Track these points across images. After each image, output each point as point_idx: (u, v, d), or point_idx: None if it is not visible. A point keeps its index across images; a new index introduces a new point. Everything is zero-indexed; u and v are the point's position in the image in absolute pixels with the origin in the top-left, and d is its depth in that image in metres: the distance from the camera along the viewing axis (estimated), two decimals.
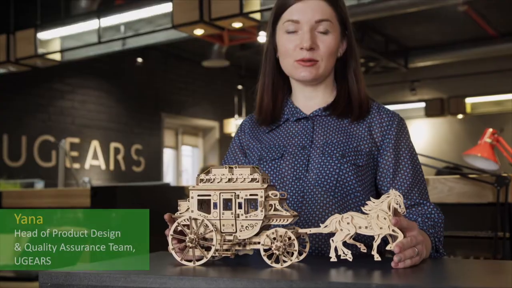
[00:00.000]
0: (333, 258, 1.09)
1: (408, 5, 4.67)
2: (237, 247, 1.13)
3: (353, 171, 1.35)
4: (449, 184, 2.41)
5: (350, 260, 1.08)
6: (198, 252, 1.12)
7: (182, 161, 8.46)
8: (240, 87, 8.33)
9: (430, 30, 7.06)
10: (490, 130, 2.81)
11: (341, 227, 1.08)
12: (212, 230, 1.10)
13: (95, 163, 7.06)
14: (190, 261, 1.12)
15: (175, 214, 1.15)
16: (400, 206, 1.07)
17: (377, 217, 1.07)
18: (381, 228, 1.07)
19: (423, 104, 7.75)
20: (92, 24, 4.18)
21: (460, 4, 5.92)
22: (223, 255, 1.13)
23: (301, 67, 1.38)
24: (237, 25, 3.49)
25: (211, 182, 1.12)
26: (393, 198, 1.07)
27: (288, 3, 1.39)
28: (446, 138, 7.96)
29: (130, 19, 4.02)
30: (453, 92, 7.75)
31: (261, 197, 1.09)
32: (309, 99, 1.46)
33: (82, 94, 6.94)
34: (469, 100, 7.34)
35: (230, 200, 1.11)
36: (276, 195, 1.10)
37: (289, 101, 1.49)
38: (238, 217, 1.10)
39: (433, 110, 7.71)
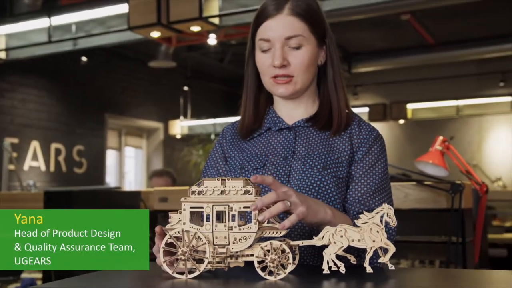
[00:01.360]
0: (326, 271, 1.10)
1: (354, 12, 4.79)
2: (229, 260, 1.12)
3: (334, 183, 1.36)
4: (405, 190, 2.49)
5: (343, 272, 1.09)
6: (190, 265, 1.11)
7: (125, 163, 8.31)
8: (186, 88, 8.28)
9: (374, 37, 7.25)
10: (441, 138, 2.92)
11: (334, 240, 1.09)
12: (205, 243, 1.10)
13: (34, 164, 6.83)
14: (182, 273, 1.11)
15: (166, 226, 1.14)
16: (392, 220, 1.09)
17: (370, 230, 1.09)
18: (373, 241, 1.08)
19: (366, 109, 7.95)
20: (41, 23, 4.05)
21: (403, 13, 6.13)
22: (216, 268, 1.12)
23: (278, 85, 1.39)
24: (195, 28, 3.48)
25: (203, 194, 1.11)
26: (386, 211, 1.10)
27: (260, 21, 1.39)
28: (388, 142, 8.15)
29: (81, 18, 3.93)
30: (394, 98, 8.00)
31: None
32: (292, 109, 1.47)
33: (22, 93, 6.71)
34: (410, 106, 7.59)
35: (223, 212, 1.10)
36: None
37: (271, 109, 1.49)
38: (231, 229, 1.10)
39: (376, 114, 7.92)
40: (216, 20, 3.34)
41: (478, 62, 7.98)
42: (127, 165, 8.38)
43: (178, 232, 1.11)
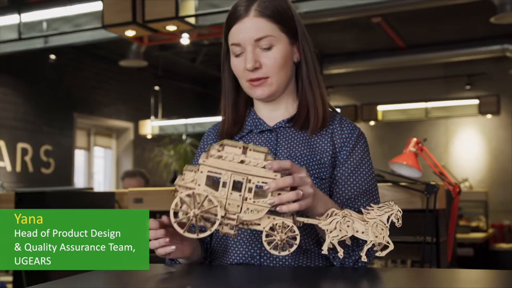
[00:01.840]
0: (325, 251, 1.16)
1: (327, 14, 4.83)
2: (240, 226, 1.13)
3: (317, 185, 1.34)
4: (381, 191, 2.48)
5: (341, 257, 1.16)
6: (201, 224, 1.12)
7: (94, 163, 8.20)
8: (157, 88, 8.21)
9: (345, 39, 7.32)
10: (414, 139, 2.96)
11: (340, 228, 1.14)
12: (217, 205, 1.10)
13: (0, 164, 6.69)
14: (193, 233, 1.13)
15: (178, 181, 1.14)
16: (398, 221, 1.14)
17: (376, 226, 1.14)
18: (376, 236, 1.14)
19: (338, 110, 7.99)
20: (11, 19, 3.96)
21: (374, 16, 6.21)
22: (224, 232, 1.13)
23: (254, 87, 1.38)
24: (171, 28, 3.45)
25: (222, 159, 1.11)
26: (395, 213, 1.14)
27: (229, 25, 1.38)
28: None
29: (53, 16, 3.86)
30: (365, 99, 8.09)
31: None
32: (272, 110, 1.46)
33: None
34: (380, 108, 7.69)
35: (240, 182, 1.11)
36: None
37: (252, 111, 1.48)
38: (246, 200, 1.12)
39: (347, 116, 7.92)
40: (192, 20, 3.32)
41: (446, 65, 8.14)
42: (96, 166, 8.27)
43: (190, 194, 1.11)
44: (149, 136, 8.34)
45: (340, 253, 1.15)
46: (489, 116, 7.80)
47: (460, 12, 6.17)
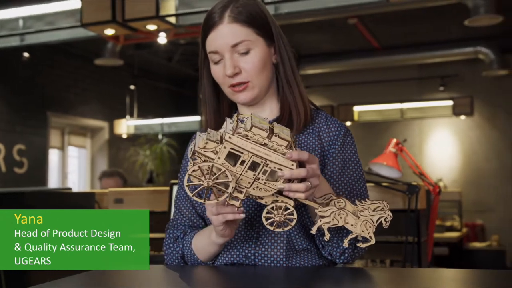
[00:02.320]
0: (313, 231, 1.24)
1: (303, 15, 4.85)
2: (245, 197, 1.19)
3: None
4: None
5: (327, 240, 1.24)
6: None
7: (68, 163, 8.09)
8: (132, 87, 8.14)
9: (322, 39, 7.35)
10: (394, 140, 3.00)
11: (334, 217, 1.22)
12: (231, 181, 1.15)
13: None
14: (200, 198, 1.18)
15: (199, 148, 1.16)
16: (386, 223, 1.22)
17: (365, 224, 1.21)
18: (362, 231, 1.21)
19: None
20: None
21: (350, 17, 6.26)
22: (231, 203, 1.19)
23: (236, 93, 1.39)
24: (151, 27, 3.43)
25: (247, 139, 1.15)
26: (385, 217, 1.21)
27: (205, 32, 1.39)
28: None
29: (29, 13, 3.79)
30: (342, 100, 8.14)
31: None
32: (257, 113, 1.46)
33: None
34: (356, 108, 7.76)
35: (258, 164, 1.16)
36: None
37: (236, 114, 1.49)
38: (258, 179, 1.17)
39: None
40: (172, 19, 3.30)
41: (420, 66, 8.24)
42: (70, 165, 8.16)
43: (209, 166, 1.15)
44: (124, 136, 8.26)
45: (327, 237, 1.22)
46: (462, 117, 7.93)
47: (435, 15, 6.26)
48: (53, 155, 7.77)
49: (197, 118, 8.57)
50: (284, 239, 1.36)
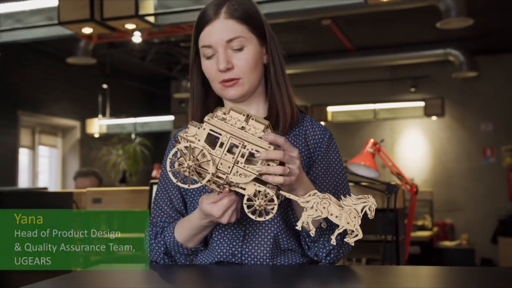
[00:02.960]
0: (299, 227, 1.22)
1: (278, 16, 4.88)
2: (225, 186, 1.21)
3: None
4: None
5: (313, 235, 1.23)
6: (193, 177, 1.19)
7: (39, 163, 7.97)
8: (105, 86, 8.06)
9: (295, 40, 7.39)
10: (372, 140, 3.05)
11: (317, 208, 1.21)
12: (210, 160, 1.18)
13: None
14: (185, 183, 1.20)
15: (181, 133, 1.21)
16: (371, 212, 1.20)
17: (349, 214, 1.19)
18: (348, 223, 1.19)
19: None
20: None
21: (324, 19, 6.31)
22: (211, 188, 1.22)
23: (226, 88, 1.40)
24: (130, 26, 3.41)
25: (225, 122, 1.19)
26: (370, 205, 1.19)
27: (199, 28, 1.40)
28: None
29: (4, 11, 3.72)
30: (315, 100, 8.19)
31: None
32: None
33: None
34: (330, 109, 7.81)
35: (236, 146, 1.19)
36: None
37: None
38: (237, 163, 1.19)
39: None
40: (152, 19, 3.29)
41: (391, 68, 8.36)
42: (41, 165, 8.04)
43: (186, 147, 1.18)
44: (96, 135, 8.18)
45: (312, 231, 1.21)
46: (434, 118, 8.06)
47: (407, 17, 6.35)
48: (23, 155, 7.64)
49: (170, 117, 8.54)
50: (271, 237, 1.38)
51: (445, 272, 1.26)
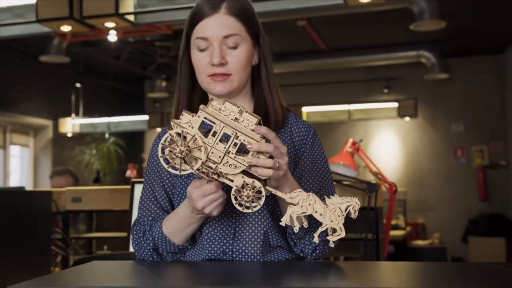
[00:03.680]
0: (283, 223, 1.24)
1: (262, 16, 4.87)
2: (214, 176, 1.22)
3: None
4: None
5: (296, 231, 1.25)
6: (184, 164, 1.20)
7: (10, 162, 7.83)
8: (78, 85, 7.96)
9: (270, 41, 7.40)
10: (351, 140, 3.09)
11: (302, 204, 1.22)
12: (201, 146, 1.19)
13: None
14: (175, 169, 1.21)
15: (175, 119, 1.22)
16: (354, 213, 1.22)
17: (334, 212, 1.21)
18: (331, 221, 1.22)
19: None
20: None
21: (299, 19, 6.35)
22: (200, 176, 1.22)
23: (215, 82, 1.41)
24: (110, 24, 3.38)
25: (220, 112, 1.21)
26: (353, 205, 1.22)
27: (197, 19, 1.41)
28: None
29: None
30: (291, 101, 8.23)
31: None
32: None
33: None
34: (305, 109, 7.86)
35: (229, 136, 1.20)
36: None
37: None
38: (228, 153, 1.21)
39: None
40: (131, 17, 3.27)
41: (365, 69, 8.45)
42: (12, 165, 7.90)
43: (180, 132, 1.19)
44: (69, 135, 8.07)
45: (296, 228, 1.23)
46: (407, 119, 8.18)
47: (381, 18, 6.42)
48: None
49: (144, 117, 8.48)
50: (261, 234, 1.40)
51: (436, 267, 1.29)
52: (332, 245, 1.25)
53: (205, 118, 1.21)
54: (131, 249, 2.46)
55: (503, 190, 7.96)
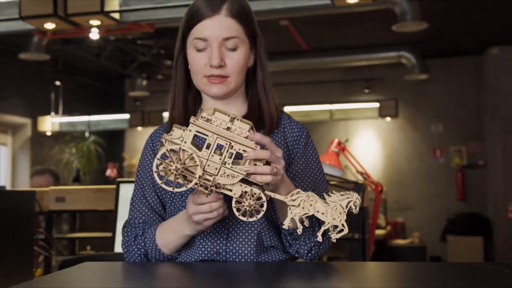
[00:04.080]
0: (285, 226, 1.24)
1: None
2: (213, 188, 1.21)
3: None
4: None
5: (300, 233, 1.24)
6: (179, 180, 1.19)
7: None
8: (58, 83, 7.86)
9: None
10: (337, 140, 3.10)
11: (303, 205, 1.22)
12: (198, 165, 1.17)
13: None
14: (169, 186, 1.19)
15: (165, 135, 1.20)
16: (355, 208, 1.22)
17: (335, 209, 1.21)
18: (334, 219, 1.22)
19: None
20: None
21: (282, 19, 6.36)
22: (199, 190, 1.21)
23: (211, 84, 1.41)
24: (95, 22, 3.34)
25: (211, 123, 1.19)
26: (354, 200, 1.22)
27: (196, 19, 1.40)
28: None
29: None
30: None
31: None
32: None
33: None
34: (286, 109, 7.87)
35: (223, 147, 1.19)
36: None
37: (202, 109, 1.49)
38: (225, 164, 1.19)
39: None
40: (117, 15, 3.24)
41: (346, 69, 8.49)
42: None
43: (175, 149, 1.17)
44: (48, 133, 7.97)
45: (299, 229, 1.23)
46: (388, 119, 8.24)
47: (363, 19, 6.45)
48: None
49: (125, 116, 8.41)
50: (254, 235, 1.40)
51: (432, 267, 1.30)
52: (334, 240, 1.26)
53: (196, 131, 1.19)
54: (117, 250, 2.44)
55: (480, 190, 8.07)
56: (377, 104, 7.80)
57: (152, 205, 1.47)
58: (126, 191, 2.50)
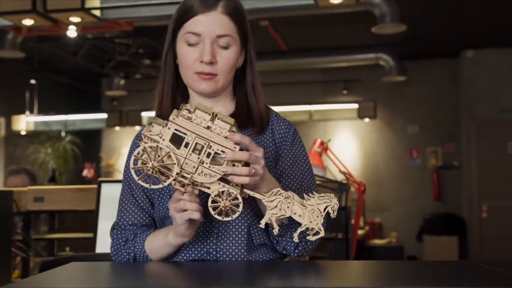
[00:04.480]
0: (262, 225, 1.25)
1: None
2: (189, 187, 1.20)
3: None
4: None
5: (276, 233, 1.25)
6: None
7: None
8: (33, 81, 7.74)
9: None
10: (319, 140, 3.10)
11: (280, 207, 1.22)
12: (175, 163, 1.16)
13: None
14: (146, 183, 1.19)
15: (145, 131, 1.19)
16: (333, 213, 1.23)
17: (312, 212, 1.22)
18: (310, 222, 1.22)
19: None
20: None
21: (262, 20, 6.35)
22: (176, 188, 1.20)
23: (200, 80, 1.39)
24: (75, 19, 3.29)
25: (191, 121, 1.17)
26: (332, 205, 1.22)
27: (190, 14, 1.39)
28: None
29: None
30: None
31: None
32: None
33: None
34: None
35: (202, 146, 1.18)
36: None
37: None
38: (202, 163, 1.18)
39: None
40: (97, 12, 3.19)
41: (325, 70, 8.53)
42: None
43: (153, 147, 1.16)
44: (23, 133, 7.85)
45: (276, 230, 1.23)
46: (366, 120, 8.30)
47: (342, 20, 6.48)
48: None
49: (102, 115, 8.32)
50: (244, 233, 1.39)
51: (419, 265, 1.30)
52: (314, 241, 1.26)
53: (175, 130, 1.18)
54: (98, 250, 2.41)
55: (455, 190, 8.18)
56: (355, 105, 7.85)
57: (142, 205, 1.46)
58: (108, 191, 2.47)
